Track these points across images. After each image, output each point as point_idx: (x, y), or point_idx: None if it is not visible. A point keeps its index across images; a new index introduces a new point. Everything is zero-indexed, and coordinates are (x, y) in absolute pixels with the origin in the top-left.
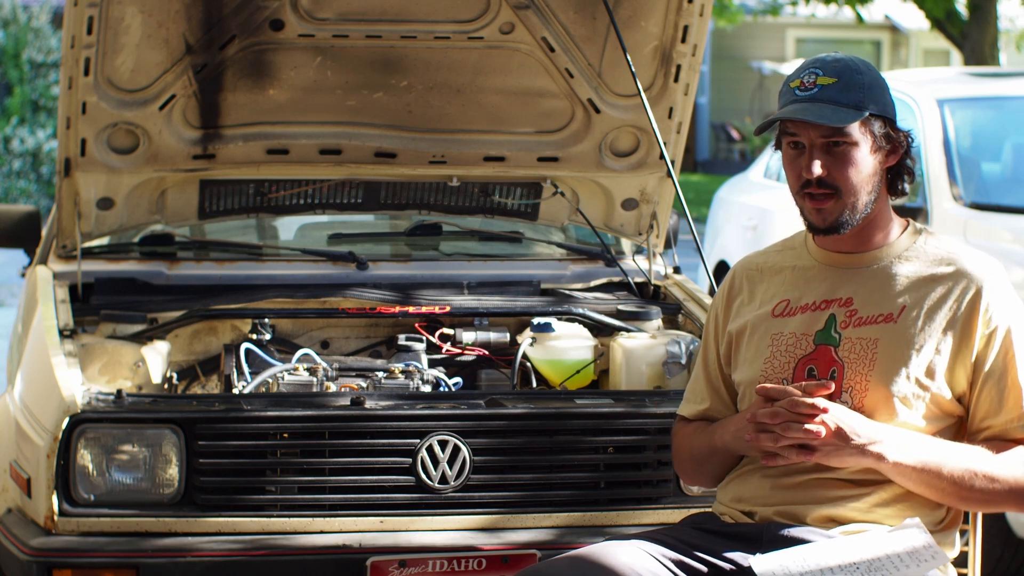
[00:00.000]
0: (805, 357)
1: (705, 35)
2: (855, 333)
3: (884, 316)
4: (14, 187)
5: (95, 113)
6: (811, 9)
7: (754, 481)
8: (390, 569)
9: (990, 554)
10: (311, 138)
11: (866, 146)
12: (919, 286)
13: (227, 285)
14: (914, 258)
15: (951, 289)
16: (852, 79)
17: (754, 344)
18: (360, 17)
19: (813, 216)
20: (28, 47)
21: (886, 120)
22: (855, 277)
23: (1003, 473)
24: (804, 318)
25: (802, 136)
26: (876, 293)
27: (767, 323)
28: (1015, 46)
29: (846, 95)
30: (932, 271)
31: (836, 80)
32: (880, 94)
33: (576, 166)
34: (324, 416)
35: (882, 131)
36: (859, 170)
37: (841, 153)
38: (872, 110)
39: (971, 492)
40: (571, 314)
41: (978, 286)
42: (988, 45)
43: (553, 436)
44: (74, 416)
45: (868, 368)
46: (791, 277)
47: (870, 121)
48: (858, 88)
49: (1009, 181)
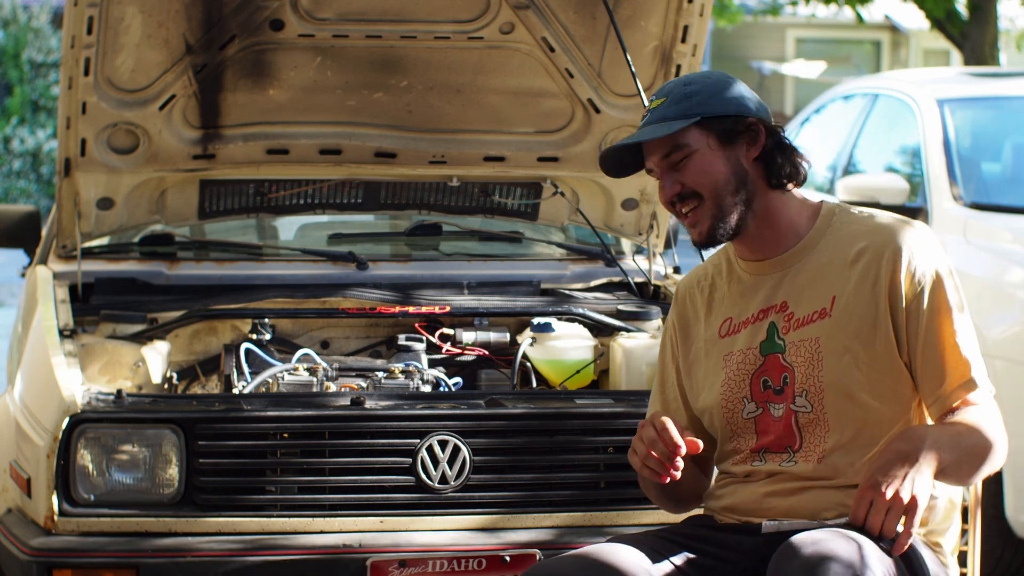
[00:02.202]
0: (757, 371)
1: (705, 35)
2: (796, 336)
3: (818, 313)
4: (14, 187)
5: (95, 113)
6: (811, 9)
7: (746, 492)
8: (390, 569)
9: (990, 554)
10: (311, 138)
11: (710, 149)
12: (842, 271)
13: (227, 285)
14: (833, 243)
15: (869, 264)
16: (678, 92)
17: (710, 368)
18: (360, 17)
19: (691, 233)
20: (28, 47)
21: (731, 117)
22: (783, 280)
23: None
24: (747, 332)
25: (651, 163)
26: (806, 291)
27: (717, 345)
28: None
29: (673, 109)
30: (850, 251)
31: (664, 99)
32: (712, 96)
33: (576, 166)
34: (324, 416)
35: (723, 128)
36: (708, 172)
37: (685, 165)
38: (703, 112)
39: (977, 469)
40: (571, 314)
41: (893, 252)
42: (988, 45)
43: (553, 436)
44: (74, 416)
45: (817, 369)
46: (728, 294)
47: (708, 123)
48: (684, 99)
49: (1009, 181)
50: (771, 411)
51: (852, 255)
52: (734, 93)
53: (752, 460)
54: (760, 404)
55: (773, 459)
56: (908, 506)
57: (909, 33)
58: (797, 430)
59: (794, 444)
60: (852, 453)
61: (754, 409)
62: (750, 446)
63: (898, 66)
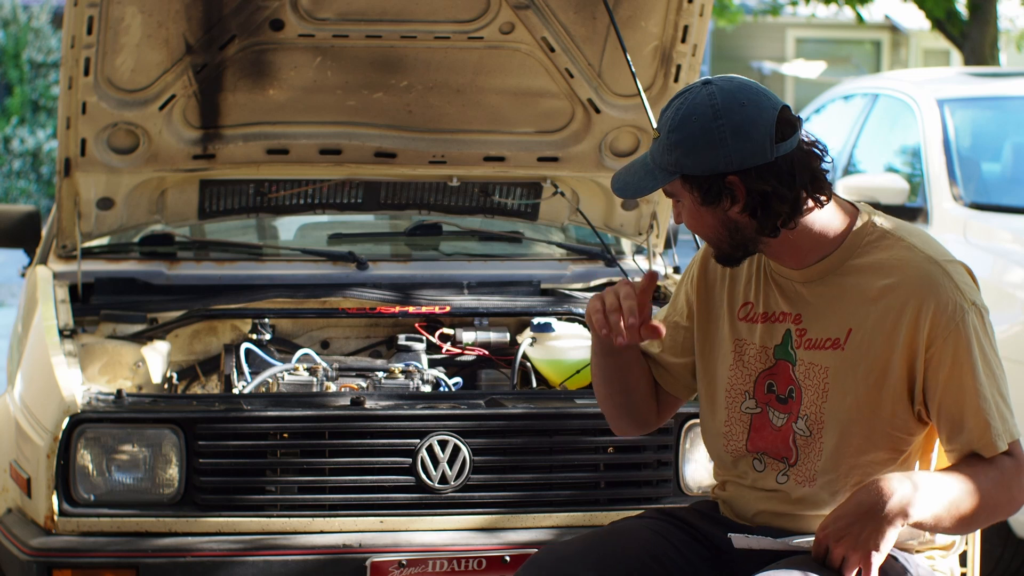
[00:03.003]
0: (766, 371)
1: (705, 35)
2: (807, 356)
3: (832, 341)
4: (14, 187)
5: (95, 113)
6: (811, 9)
7: (745, 496)
8: (390, 569)
9: (990, 554)
10: (311, 138)
11: (694, 205)
12: (863, 303)
13: (227, 285)
14: (860, 267)
15: (891, 305)
16: (666, 138)
17: (721, 344)
18: (360, 17)
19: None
20: (28, 47)
21: (708, 177)
22: (802, 292)
23: (977, 497)
24: (764, 328)
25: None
26: (823, 313)
27: (733, 325)
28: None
29: (660, 157)
30: (876, 283)
31: (658, 136)
32: (691, 152)
33: (576, 166)
34: (324, 416)
35: (703, 188)
36: (699, 225)
37: (678, 208)
38: (683, 171)
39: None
40: (571, 314)
41: (919, 298)
42: (988, 45)
43: (553, 436)
44: (74, 416)
45: (822, 399)
46: (753, 278)
47: (689, 180)
48: (669, 149)
49: (1009, 181)
50: (771, 416)
51: (877, 290)
52: (715, 145)
53: (752, 460)
54: (760, 404)
55: (772, 466)
56: (864, 561)
57: (909, 33)
58: (794, 447)
59: (790, 458)
60: (840, 490)
61: (754, 406)
62: (744, 440)
63: (898, 66)
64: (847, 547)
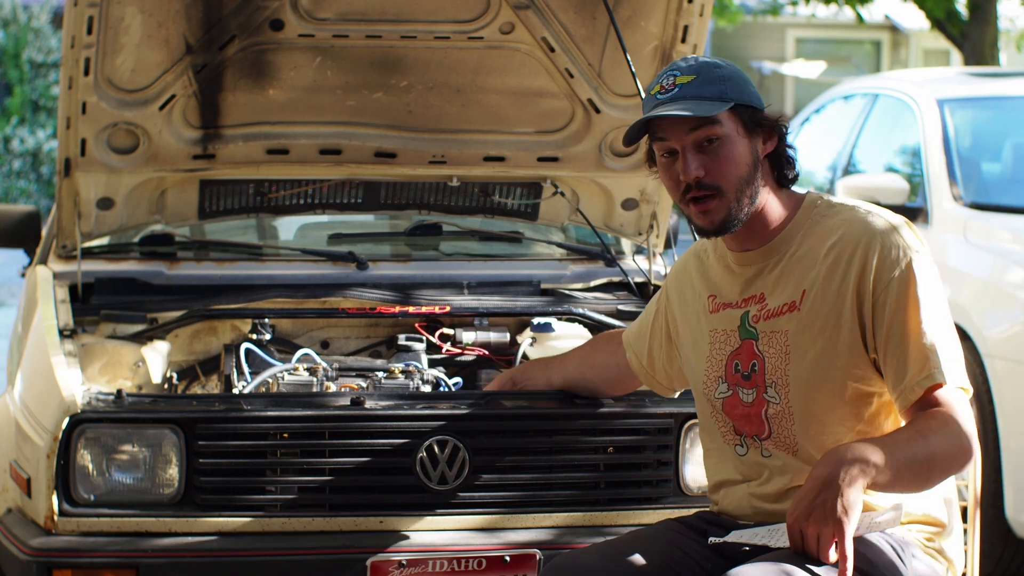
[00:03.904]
0: (733, 352)
1: (705, 35)
2: (768, 326)
3: (788, 305)
4: (14, 187)
5: (95, 113)
6: (811, 9)
7: (735, 494)
8: (390, 569)
9: (990, 554)
10: (311, 138)
11: (738, 137)
12: (815, 265)
13: (227, 285)
14: (810, 236)
15: (839, 258)
16: (711, 73)
17: (698, 340)
18: (360, 17)
19: (700, 219)
20: (28, 47)
21: (754, 109)
22: (762, 272)
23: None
24: (726, 314)
25: (672, 140)
26: (781, 283)
27: (705, 319)
28: (1015, 46)
29: (708, 88)
30: (825, 244)
31: (695, 76)
32: (742, 84)
33: (576, 166)
34: (324, 416)
35: (751, 119)
36: (736, 163)
37: (714, 150)
38: (737, 99)
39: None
40: (571, 314)
41: (864, 246)
42: (988, 45)
43: (553, 436)
44: (74, 416)
45: (785, 362)
46: (716, 272)
47: (737, 110)
48: (718, 81)
49: (1009, 181)
50: (740, 395)
51: (825, 248)
52: (749, 83)
53: (735, 447)
54: (731, 387)
55: (752, 445)
56: (836, 530)
57: (909, 33)
58: (766, 419)
59: (762, 433)
60: (818, 448)
61: (725, 390)
62: (729, 426)
63: (898, 66)
64: (817, 523)
